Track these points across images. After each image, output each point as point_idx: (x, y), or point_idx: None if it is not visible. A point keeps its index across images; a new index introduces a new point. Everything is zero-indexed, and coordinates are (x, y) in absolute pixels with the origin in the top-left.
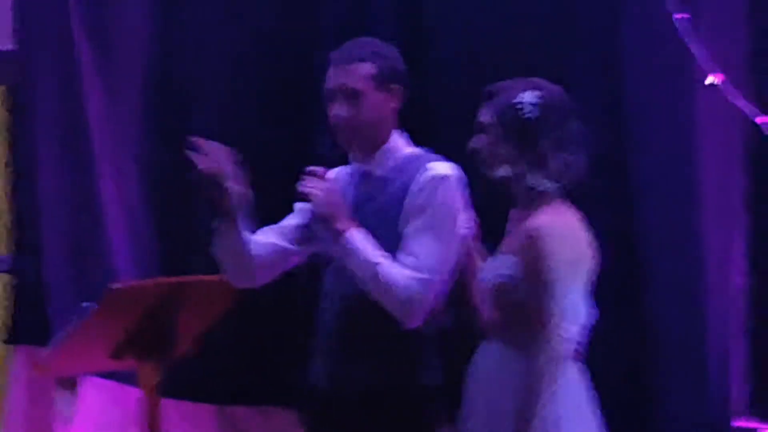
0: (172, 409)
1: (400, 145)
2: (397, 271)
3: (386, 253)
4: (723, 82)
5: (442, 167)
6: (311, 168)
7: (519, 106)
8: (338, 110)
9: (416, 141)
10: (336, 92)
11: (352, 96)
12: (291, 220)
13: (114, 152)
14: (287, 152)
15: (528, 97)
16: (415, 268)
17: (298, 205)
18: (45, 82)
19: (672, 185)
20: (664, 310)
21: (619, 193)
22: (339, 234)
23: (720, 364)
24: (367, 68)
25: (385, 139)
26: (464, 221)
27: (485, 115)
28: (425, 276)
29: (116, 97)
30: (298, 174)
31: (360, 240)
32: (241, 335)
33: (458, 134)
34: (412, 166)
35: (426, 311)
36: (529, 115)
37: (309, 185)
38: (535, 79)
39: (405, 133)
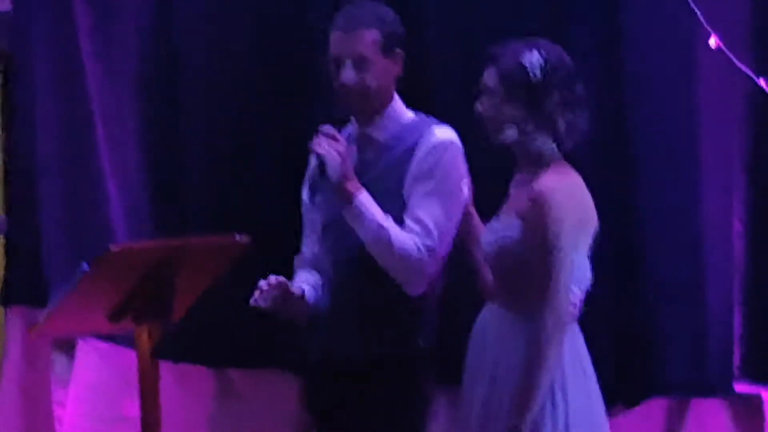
0: (168, 372)
1: (401, 110)
2: (405, 236)
3: (390, 218)
4: (724, 44)
5: (446, 133)
6: (325, 127)
7: (525, 68)
8: (347, 77)
9: (410, 106)
10: (343, 58)
11: (360, 62)
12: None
13: (111, 115)
14: (285, 118)
15: (533, 58)
16: (421, 234)
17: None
18: (42, 43)
19: (672, 147)
20: (664, 271)
21: (619, 155)
22: (348, 197)
23: (721, 326)
24: (374, 34)
25: (386, 104)
26: (466, 186)
27: (490, 78)
28: (432, 243)
29: (114, 60)
30: (295, 139)
31: (369, 205)
32: (239, 297)
33: (453, 100)
34: (415, 131)
35: (431, 277)
36: (535, 76)
37: (323, 146)
38: (538, 40)
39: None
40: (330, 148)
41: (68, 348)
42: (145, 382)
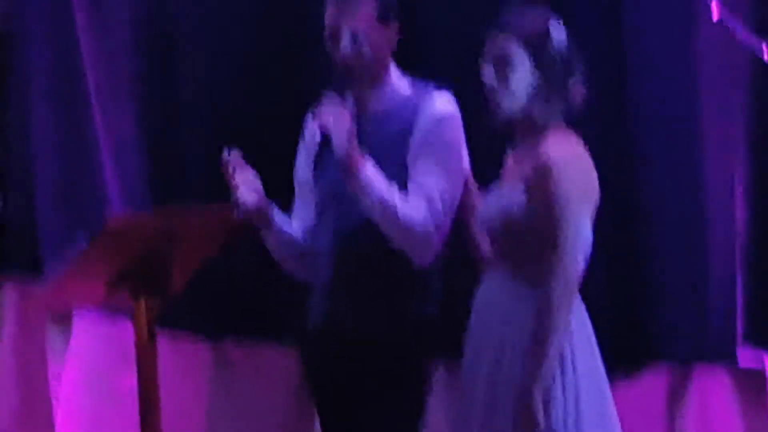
0: (165, 346)
1: (398, 79)
2: (411, 209)
3: (396, 190)
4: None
5: (447, 104)
6: (329, 96)
7: (552, 40)
8: (345, 48)
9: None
10: (339, 30)
11: (356, 34)
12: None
13: (105, 86)
14: (285, 88)
15: (558, 30)
16: (427, 207)
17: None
18: (36, 18)
19: (673, 120)
20: (664, 237)
21: (619, 129)
22: (354, 170)
23: (723, 291)
24: (369, 5)
25: (383, 74)
26: (465, 157)
27: (507, 47)
28: (438, 214)
29: (108, 33)
30: (297, 108)
31: (375, 177)
32: (237, 269)
33: (447, 68)
34: (414, 100)
35: (437, 249)
36: (562, 49)
37: (328, 115)
38: (542, 8)
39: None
40: (336, 120)
41: (64, 322)
42: (142, 355)
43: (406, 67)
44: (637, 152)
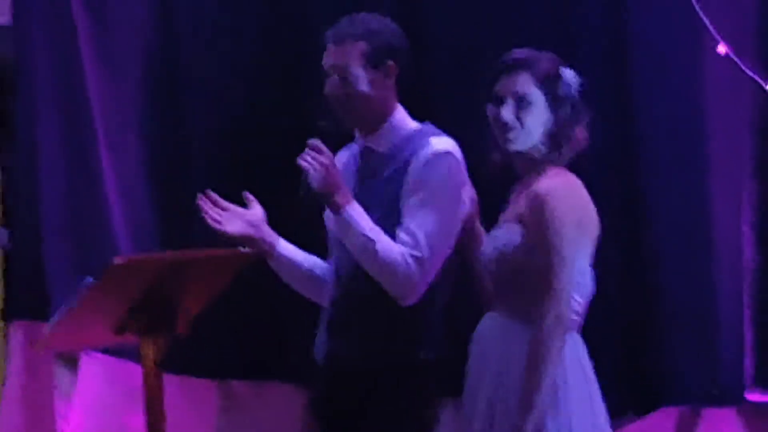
0: (172, 385)
1: (403, 121)
2: (392, 247)
3: (380, 230)
4: (731, 51)
5: (443, 143)
6: (312, 141)
7: (564, 82)
8: (329, 88)
9: (413, 116)
10: (329, 71)
11: (345, 74)
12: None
13: (113, 126)
14: (290, 124)
15: (569, 74)
16: (410, 245)
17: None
18: (43, 56)
19: (680, 154)
20: (673, 279)
21: (625, 162)
22: (336, 209)
23: (732, 334)
24: (359, 47)
25: (386, 116)
26: (465, 198)
27: (521, 85)
28: (420, 253)
29: (115, 72)
30: (302, 145)
31: (357, 215)
32: (243, 309)
33: (455, 110)
34: (413, 142)
35: (420, 289)
36: (573, 92)
37: (307, 159)
38: (548, 53)
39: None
40: (313, 160)
41: (71, 362)
42: (150, 395)
43: (414, 107)
44: (644, 191)
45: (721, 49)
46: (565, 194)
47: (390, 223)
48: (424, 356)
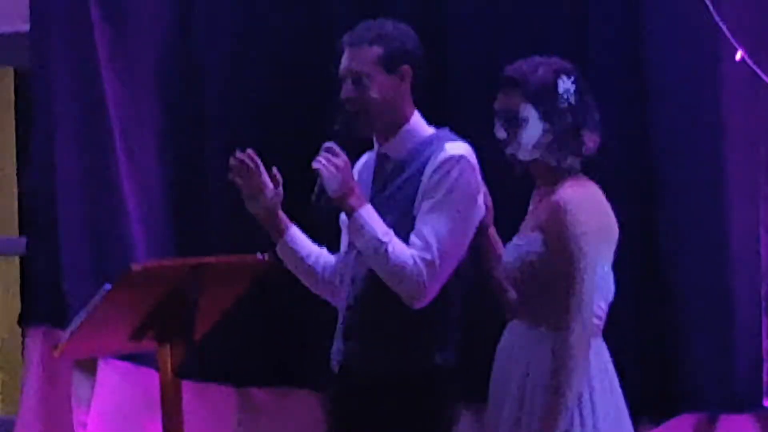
0: (190, 392)
1: (420, 127)
2: (403, 250)
3: (392, 233)
4: (749, 58)
5: (457, 148)
6: (327, 144)
7: (559, 93)
8: (345, 92)
9: (431, 121)
10: (345, 75)
11: (358, 79)
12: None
13: (130, 133)
14: (310, 132)
15: (565, 83)
16: (421, 249)
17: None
18: (61, 63)
19: (696, 158)
20: (690, 285)
21: (641, 168)
22: (350, 211)
23: (749, 340)
24: (374, 51)
25: (402, 122)
26: (480, 202)
27: (511, 103)
28: (430, 257)
29: (133, 79)
30: (317, 148)
31: (369, 218)
32: (261, 316)
33: (474, 114)
34: (428, 147)
35: (431, 292)
36: (570, 101)
37: (321, 161)
38: (552, 59)
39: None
40: (328, 162)
41: (89, 368)
42: (167, 401)
43: (432, 113)
44: (661, 198)
45: (739, 55)
46: (584, 202)
47: (405, 227)
48: (438, 362)
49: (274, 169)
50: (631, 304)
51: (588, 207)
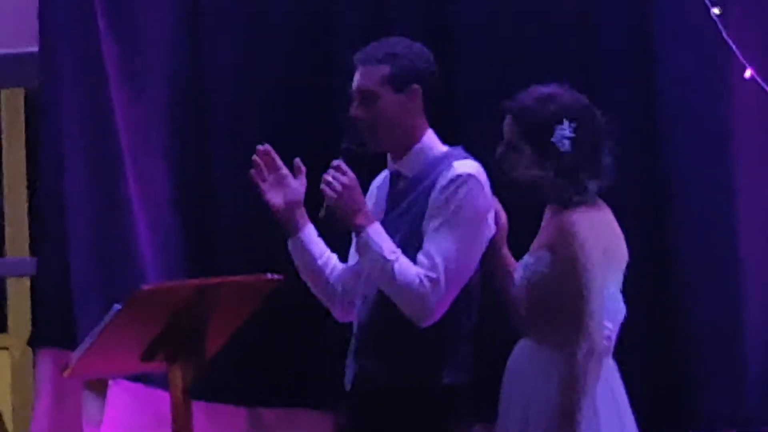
0: (201, 412)
1: (432, 145)
2: (409, 269)
3: (400, 252)
4: (758, 74)
5: (467, 166)
6: (335, 161)
7: (553, 140)
8: (354, 111)
9: (442, 139)
10: (355, 93)
11: (368, 97)
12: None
13: (140, 152)
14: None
15: (562, 131)
16: (427, 267)
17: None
18: (70, 82)
19: (706, 177)
20: (701, 303)
21: (652, 184)
22: (357, 230)
23: (759, 358)
24: (382, 70)
25: (414, 140)
26: (489, 221)
27: (514, 136)
28: (436, 275)
29: (142, 99)
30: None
31: (377, 237)
32: (271, 336)
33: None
34: (438, 166)
35: (437, 311)
36: (565, 149)
37: (328, 179)
38: (558, 93)
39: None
40: (334, 180)
41: (100, 389)
42: (178, 421)
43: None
44: (672, 216)
45: (748, 73)
46: (591, 225)
47: (413, 245)
48: (450, 380)
49: (297, 160)
50: (641, 323)
51: (594, 230)
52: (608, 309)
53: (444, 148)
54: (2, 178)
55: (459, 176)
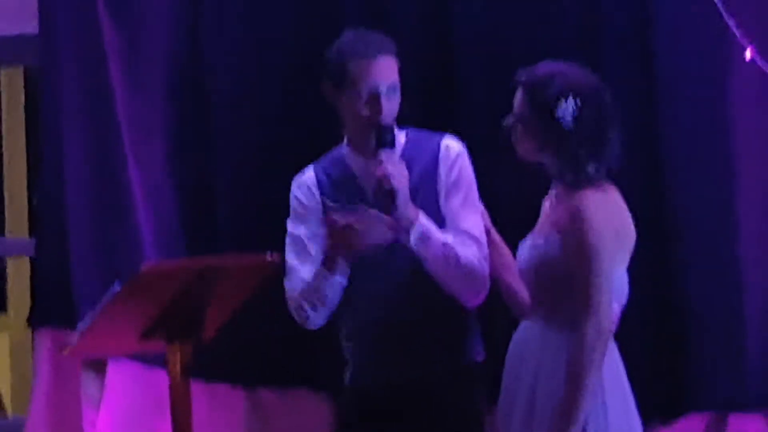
0: (199, 392)
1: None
2: (467, 251)
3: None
4: (758, 55)
5: (455, 141)
6: (386, 154)
7: (555, 117)
8: (393, 105)
9: (438, 124)
10: (386, 87)
11: (396, 90)
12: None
13: (139, 134)
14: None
15: (567, 107)
16: (475, 246)
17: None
18: (70, 65)
19: (706, 158)
20: (701, 285)
21: (652, 168)
22: (411, 221)
23: (760, 339)
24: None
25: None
26: None
27: (523, 108)
28: (485, 252)
29: (141, 80)
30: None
31: (430, 224)
32: (270, 316)
33: (480, 115)
34: (426, 146)
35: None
36: (568, 128)
37: (389, 170)
38: (569, 70)
39: None
40: (393, 170)
41: (99, 368)
42: (177, 401)
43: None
44: (671, 198)
45: (748, 53)
46: (603, 208)
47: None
48: (476, 358)
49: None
50: (641, 304)
51: (606, 212)
52: (615, 291)
53: (402, 132)
54: (2, 158)
55: (459, 153)
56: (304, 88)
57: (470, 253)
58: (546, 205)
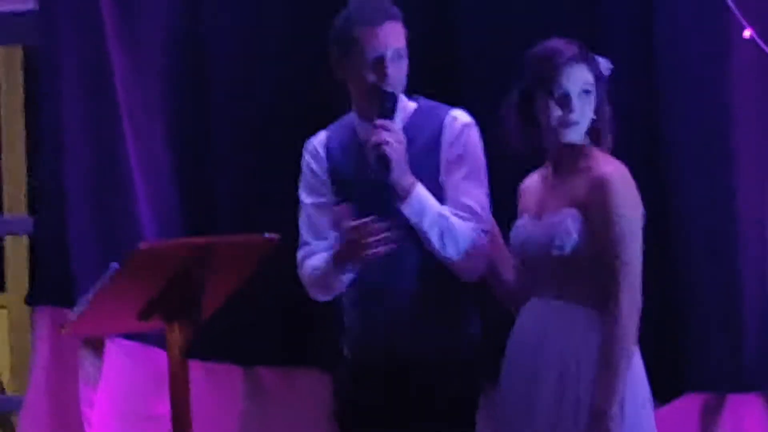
0: (198, 371)
1: (404, 99)
2: (464, 224)
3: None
4: (758, 36)
5: (465, 115)
6: (381, 121)
7: (602, 69)
8: (399, 72)
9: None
10: (392, 52)
11: (403, 56)
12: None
13: (138, 112)
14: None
15: (605, 61)
16: (475, 220)
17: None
18: (68, 41)
19: (705, 140)
20: (698, 265)
21: (650, 150)
22: (407, 191)
23: (757, 319)
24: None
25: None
26: None
27: (586, 79)
28: (485, 226)
29: (141, 57)
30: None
31: (427, 195)
32: (269, 295)
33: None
34: (432, 117)
35: (487, 261)
36: (606, 80)
37: (384, 136)
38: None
39: None
40: (389, 138)
41: (97, 347)
42: (175, 380)
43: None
44: (669, 180)
45: (747, 33)
46: (625, 180)
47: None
48: (474, 331)
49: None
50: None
51: (627, 181)
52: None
53: (411, 102)
54: (1, 137)
55: (467, 125)
56: (304, 68)
57: (467, 227)
58: (529, 187)
